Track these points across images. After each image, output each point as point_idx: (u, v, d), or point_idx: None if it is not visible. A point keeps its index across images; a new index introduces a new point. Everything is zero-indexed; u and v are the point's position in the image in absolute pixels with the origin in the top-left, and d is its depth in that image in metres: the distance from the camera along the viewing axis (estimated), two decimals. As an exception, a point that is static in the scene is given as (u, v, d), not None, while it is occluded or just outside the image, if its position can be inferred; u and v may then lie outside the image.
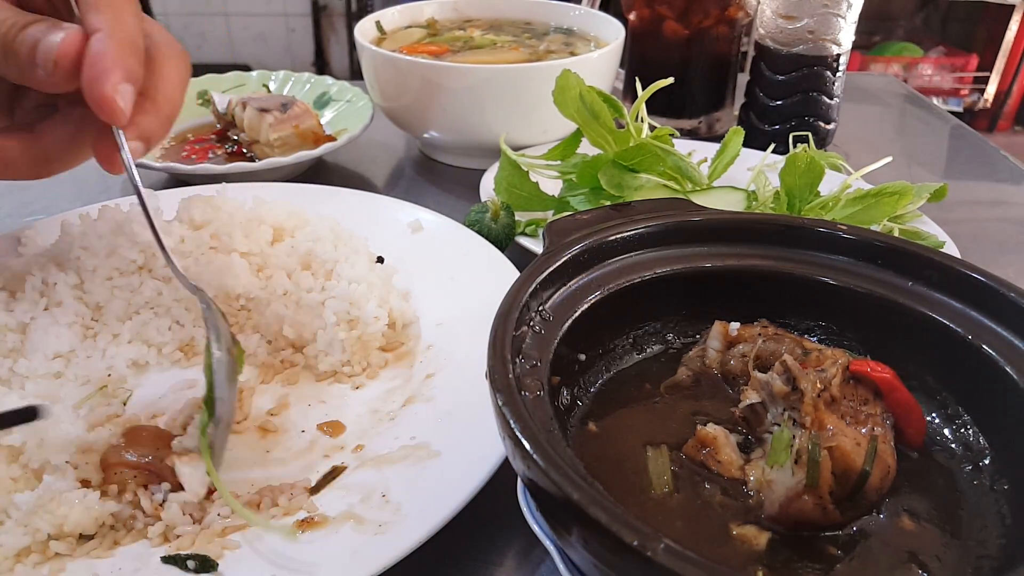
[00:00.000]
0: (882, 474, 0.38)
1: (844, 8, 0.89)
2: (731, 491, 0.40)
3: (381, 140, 1.02)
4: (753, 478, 0.40)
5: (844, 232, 0.49)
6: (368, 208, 0.75)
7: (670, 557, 0.27)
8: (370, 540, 0.42)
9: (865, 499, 0.38)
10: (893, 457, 0.39)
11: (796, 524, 0.38)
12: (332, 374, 0.60)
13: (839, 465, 0.37)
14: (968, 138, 1.10)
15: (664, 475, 0.41)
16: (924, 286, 0.46)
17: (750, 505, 0.39)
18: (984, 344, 0.43)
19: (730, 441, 0.41)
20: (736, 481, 0.40)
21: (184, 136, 0.99)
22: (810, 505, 0.37)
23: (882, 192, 0.72)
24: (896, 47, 3.05)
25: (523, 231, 0.74)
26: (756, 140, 0.88)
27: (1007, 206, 0.93)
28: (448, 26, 1.06)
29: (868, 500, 0.38)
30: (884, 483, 0.39)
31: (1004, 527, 0.39)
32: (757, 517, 0.38)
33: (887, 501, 0.40)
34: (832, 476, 0.37)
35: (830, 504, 0.37)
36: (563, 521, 0.31)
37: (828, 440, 0.37)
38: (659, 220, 0.50)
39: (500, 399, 0.35)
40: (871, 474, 0.37)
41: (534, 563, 0.46)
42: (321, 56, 3.37)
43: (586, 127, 0.75)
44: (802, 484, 0.37)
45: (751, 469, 0.40)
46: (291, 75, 1.06)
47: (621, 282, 0.47)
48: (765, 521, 0.38)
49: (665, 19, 0.98)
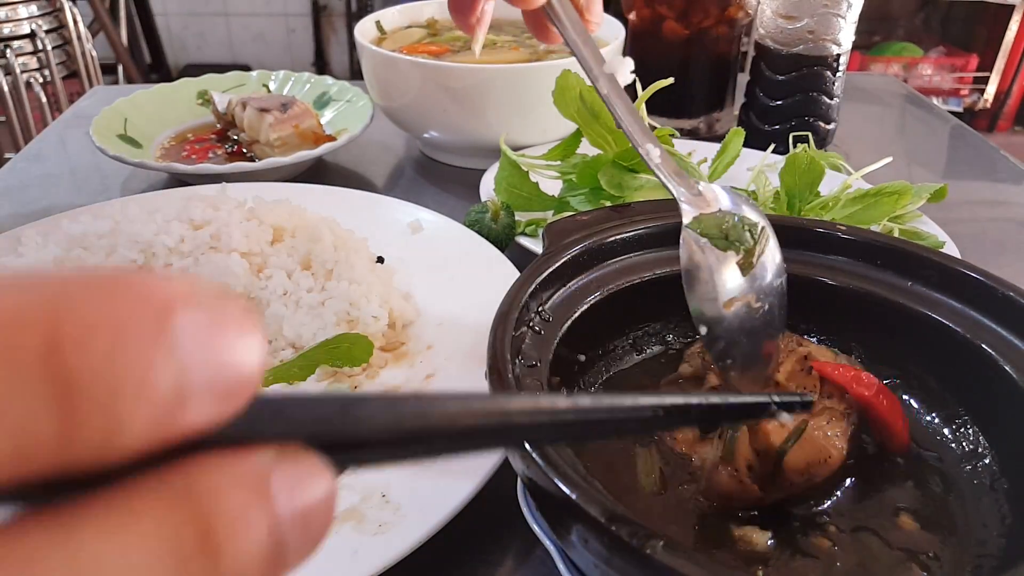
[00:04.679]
0: (811, 459, 0.39)
1: (844, 8, 0.89)
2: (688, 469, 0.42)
3: (381, 140, 1.02)
4: (697, 455, 0.42)
5: (843, 232, 0.49)
6: (368, 208, 0.75)
7: (670, 556, 0.27)
8: (370, 540, 0.42)
9: (787, 479, 0.39)
10: (839, 450, 0.39)
11: (720, 497, 0.39)
12: (332, 374, 0.60)
13: (760, 443, 0.38)
14: (968, 138, 1.10)
15: (652, 474, 0.41)
16: (924, 286, 0.46)
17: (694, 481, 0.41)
18: (984, 344, 0.43)
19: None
20: (685, 457, 0.42)
21: (184, 136, 0.99)
22: (725, 477, 0.38)
23: (882, 192, 0.72)
24: (896, 47, 3.04)
25: (523, 231, 0.74)
26: (756, 140, 0.87)
27: (1007, 206, 0.93)
28: (448, 26, 1.06)
29: (791, 481, 0.39)
30: (815, 469, 0.39)
31: (1004, 527, 0.39)
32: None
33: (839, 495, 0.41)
34: (755, 453, 0.38)
35: (746, 478, 0.38)
36: (563, 521, 0.31)
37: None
38: (659, 220, 0.50)
39: (500, 399, 0.35)
40: (787, 454, 0.38)
41: (534, 563, 0.46)
42: (321, 56, 3.37)
43: (586, 127, 0.75)
44: (718, 457, 0.38)
45: (700, 447, 0.42)
46: (291, 75, 1.06)
47: (621, 283, 0.48)
48: (701, 496, 0.40)
49: (665, 19, 0.98)
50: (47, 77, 1.81)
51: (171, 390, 0.11)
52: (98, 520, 0.10)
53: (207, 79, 1.04)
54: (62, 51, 1.86)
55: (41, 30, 1.79)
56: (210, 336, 0.11)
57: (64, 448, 0.10)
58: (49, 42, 1.80)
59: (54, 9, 1.84)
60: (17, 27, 1.77)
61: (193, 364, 0.11)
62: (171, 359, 0.11)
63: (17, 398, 0.10)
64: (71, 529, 0.10)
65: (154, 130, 0.96)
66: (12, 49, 1.75)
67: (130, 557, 0.10)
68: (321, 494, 0.13)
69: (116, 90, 1.20)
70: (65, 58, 1.87)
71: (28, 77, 1.78)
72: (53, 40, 1.82)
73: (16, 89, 1.75)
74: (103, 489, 0.11)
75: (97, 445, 0.10)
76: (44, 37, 1.79)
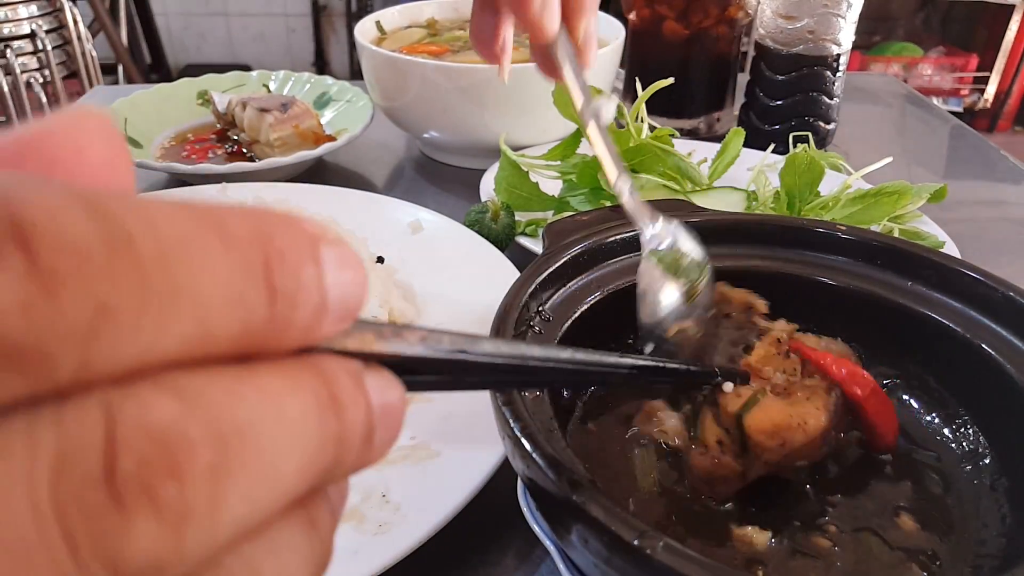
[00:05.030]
0: (780, 424, 0.38)
1: (844, 8, 0.89)
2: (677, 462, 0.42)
3: (381, 140, 1.02)
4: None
5: (843, 232, 0.49)
6: (368, 208, 0.75)
7: (670, 555, 0.27)
8: (370, 540, 0.42)
9: (761, 447, 0.38)
10: (816, 417, 0.38)
11: (704, 483, 0.40)
12: (332, 374, 0.60)
13: (725, 418, 0.38)
14: (968, 138, 1.10)
15: (651, 474, 0.41)
16: (924, 286, 0.46)
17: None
18: (984, 344, 0.43)
19: (671, 412, 0.44)
20: (680, 450, 0.43)
21: (184, 136, 0.99)
22: (699, 458, 0.39)
23: (882, 192, 0.72)
24: (896, 47, 3.04)
25: (523, 231, 0.74)
26: (756, 140, 0.87)
27: (1007, 206, 0.93)
28: (448, 26, 1.06)
29: (767, 449, 0.38)
30: (789, 435, 0.38)
31: (1004, 527, 0.39)
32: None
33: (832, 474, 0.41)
34: (724, 430, 0.39)
35: (719, 454, 0.38)
36: (563, 521, 0.31)
37: (715, 395, 0.39)
38: (659, 220, 0.50)
39: (500, 399, 0.35)
40: (744, 417, 0.38)
41: (534, 563, 0.46)
42: (321, 56, 3.37)
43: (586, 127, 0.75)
44: (690, 438, 0.39)
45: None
46: (291, 75, 1.07)
47: (621, 282, 0.48)
48: (688, 489, 0.41)
49: (665, 19, 0.98)
50: (47, 77, 1.81)
51: (319, 302, 0.14)
52: (271, 375, 0.14)
53: (207, 79, 1.04)
54: (62, 51, 1.86)
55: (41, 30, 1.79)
56: (341, 267, 0.15)
57: (265, 331, 0.14)
58: (49, 42, 1.80)
59: (54, 9, 1.84)
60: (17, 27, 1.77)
61: (331, 286, 0.14)
62: (322, 287, 0.14)
63: (250, 293, 0.13)
64: (252, 375, 0.14)
65: (154, 130, 0.96)
66: (12, 49, 1.75)
67: (293, 404, 0.14)
68: (397, 398, 0.16)
69: (116, 90, 1.20)
70: (65, 58, 1.87)
71: (28, 77, 1.78)
72: (53, 40, 1.82)
73: (16, 89, 1.75)
74: (262, 360, 0.14)
75: (280, 332, 0.14)
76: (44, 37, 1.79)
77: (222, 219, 0.13)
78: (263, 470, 0.13)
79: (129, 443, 0.12)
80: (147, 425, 0.12)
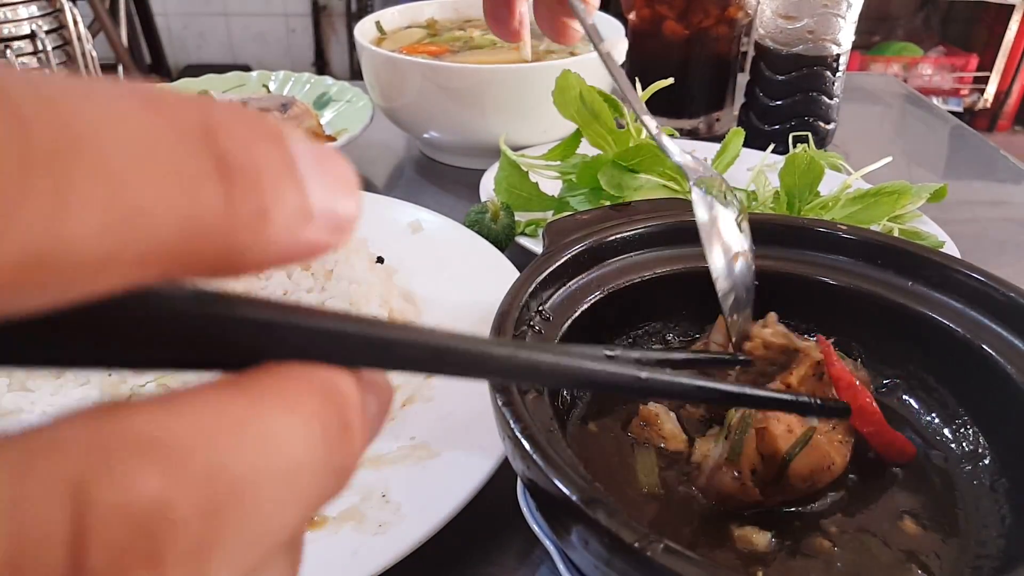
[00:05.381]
0: (815, 467, 0.39)
1: (844, 8, 0.89)
2: (679, 465, 0.42)
3: (381, 140, 1.02)
4: (697, 451, 0.42)
5: (844, 232, 0.49)
6: (368, 208, 0.75)
7: (670, 557, 0.27)
8: (370, 540, 0.42)
9: (790, 485, 0.39)
10: (842, 457, 0.40)
11: (719, 496, 0.39)
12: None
13: (767, 447, 0.38)
14: (968, 138, 1.10)
15: (652, 474, 0.41)
16: (924, 286, 0.46)
17: (691, 477, 0.41)
18: (984, 344, 0.43)
19: (670, 417, 0.43)
20: (681, 454, 0.42)
21: (184, 136, 0.99)
22: (728, 478, 0.38)
23: (881, 192, 0.72)
24: (896, 47, 3.04)
25: (523, 231, 0.74)
26: (756, 140, 0.87)
27: (1007, 206, 0.93)
28: (448, 26, 1.06)
29: (794, 488, 0.39)
30: (818, 476, 0.39)
31: (1004, 527, 0.39)
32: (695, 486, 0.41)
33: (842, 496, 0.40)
34: (760, 457, 0.38)
35: (749, 481, 0.38)
36: (563, 521, 0.31)
37: (760, 422, 0.38)
38: (659, 220, 0.50)
39: (500, 399, 0.35)
40: (792, 460, 0.38)
41: (534, 563, 0.46)
42: (321, 56, 3.37)
43: (586, 127, 0.75)
44: (724, 457, 0.38)
45: (701, 443, 0.42)
46: (291, 75, 1.06)
47: (621, 282, 0.48)
48: (696, 491, 0.40)
49: (665, 19, 0.98)
50: (47, 77, 1.81)
51: (299, 202, 0.12)
52: (273, 408, 0.12)
53: (207, 79, 1.04)
54: (62, 51, 1.86)
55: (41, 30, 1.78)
56: (320, 161, 0.13)
57: (228, 228, 0.11)
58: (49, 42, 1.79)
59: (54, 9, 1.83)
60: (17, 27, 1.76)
61: (313, 187, 0.12)
62: (296, 173, 0.12)
63: (188, 161, 0.10)
64: (253, 413, 0.12)
65: (154, 130, 0.96)
66: (12, 49, 1.75)
67: (298, 444, 0.12)
68: (386, 400, 0.15)
69: (116, 90, 1.20)
70: (65, 58, 1.86)
71: (28, 77, 1.78)
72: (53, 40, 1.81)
73: (16, 89, 1.75)
74: (262, 369, 0.13)
75: (252, 230, 0.11)
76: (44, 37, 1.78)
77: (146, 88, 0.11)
78: (260, 527, 0.12)
79: (101, 533, 0.10)
80: (124, 507, 0.10)
